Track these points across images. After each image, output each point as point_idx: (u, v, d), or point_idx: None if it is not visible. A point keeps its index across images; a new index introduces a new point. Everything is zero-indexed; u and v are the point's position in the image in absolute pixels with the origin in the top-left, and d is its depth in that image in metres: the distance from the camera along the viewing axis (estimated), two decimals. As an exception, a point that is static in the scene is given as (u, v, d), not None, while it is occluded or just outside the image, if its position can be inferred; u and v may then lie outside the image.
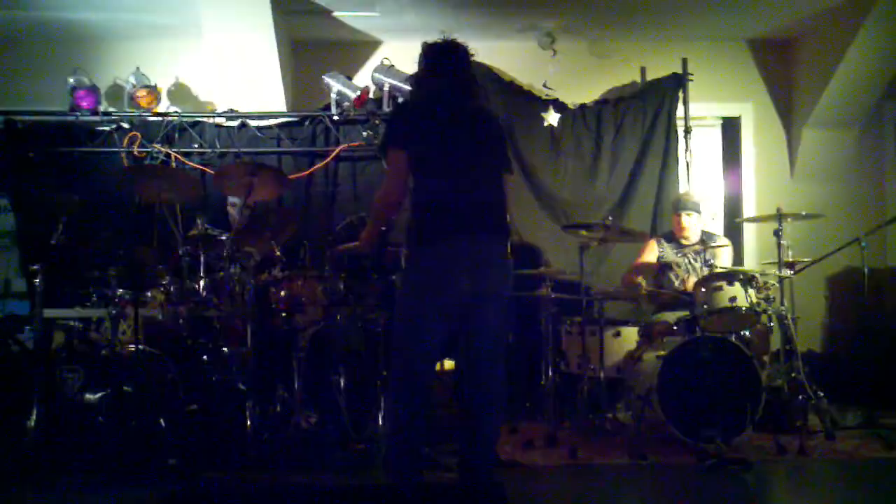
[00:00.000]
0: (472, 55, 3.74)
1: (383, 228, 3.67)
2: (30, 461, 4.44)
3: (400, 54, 6.92)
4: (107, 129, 6.72)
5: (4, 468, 4.51)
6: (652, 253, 6.12)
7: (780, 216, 5.38)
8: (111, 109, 6.74)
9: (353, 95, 6.59)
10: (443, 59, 3.67)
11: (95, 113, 6.60)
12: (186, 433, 5.11)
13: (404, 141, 3.47)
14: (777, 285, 5.46)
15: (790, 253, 5.47)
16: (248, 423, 4.63)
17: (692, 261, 5.98)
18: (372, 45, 7.27)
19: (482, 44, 6.97)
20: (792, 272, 5.48)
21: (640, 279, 5.71)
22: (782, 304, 5.40)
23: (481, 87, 3.78)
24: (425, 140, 3.47)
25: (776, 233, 5.39)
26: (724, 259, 5.97)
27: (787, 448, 4.76)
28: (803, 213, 5.62)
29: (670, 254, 6.05)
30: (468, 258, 3.38)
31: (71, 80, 6.56)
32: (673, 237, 6.15)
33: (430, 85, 3.65)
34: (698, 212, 6.05)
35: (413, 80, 3.81)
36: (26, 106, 6.76)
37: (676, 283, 5.96)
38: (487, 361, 3.53)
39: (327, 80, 6.71)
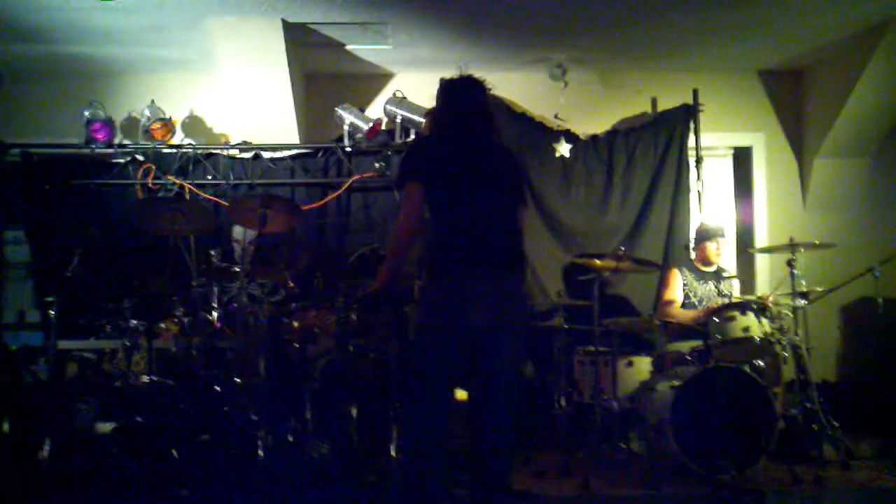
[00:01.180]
0: (490, 90, 3.75)
1: (400, 266, 3.65)
2: (43, 491, 4.45)
3: (412, 86, 6.99)
4: (122, 161, 6.78)
5: (18, 499, 4.53)
6: (677, 283, 6.12)
7: (792, 246, 5.37)
8: (126, 142, 6.79)
9: (365, 127, 6.64)
10: (460, 94, 3.68)
11: (110, 145, 6.65)
12: (198, 464, 5.13)
13: (420, 175, 3.48)
14: (791, 315, 5.43)
15: (803, 282, 5.46)
16: (261, 453, 4.62)
17: (713, 288, 5.99)
18: (384, 77, 7.33)
19: (494, 75, 6.97)
20: (806, 302, 5.47)
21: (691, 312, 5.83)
22: (796, 333, 5.38)
23: (498, 123, 3.77)
24: (441, 174, 3.48)
25: (789, 263, 5.39)
26: (736, 291, 5.98)
27: (802, 478, 4.73)
28: (816, 242, 5.61)
29: (694, 282, 6.06)
30: (484, 292, 3.38)
31: (86, 113, 6.63)
32: (693, 266, 6.17)
33: (448, 120, 3.66)
34: (723, 237, 6.10)
35: (430, 114, 3.82)
36: (42, 139, 6.81)
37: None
38: (502, 394, 3.51)
39: (340, 111, 6.77)
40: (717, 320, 5.16)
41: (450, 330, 3.36)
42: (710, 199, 7.20)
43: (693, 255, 6.39)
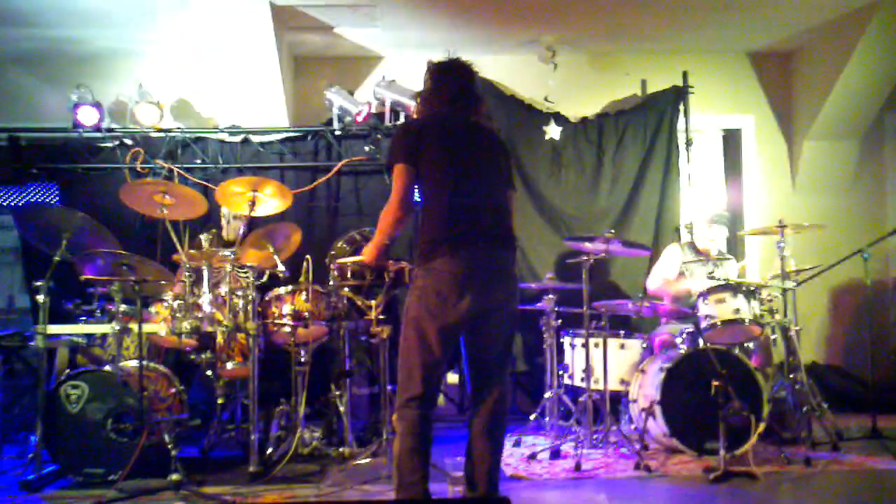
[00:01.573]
0: (477, 73, 3.75)
1: (387, 243, 3.66)
2: (33, 476, 4.45)
3: (401, 69, 6.96)
4: (110, 145, 6.76)
5: (9, 483, 4.53)
6: (671, 259, 6.11)
7: (782, 227, 5.38)
8: (114, 126, 6.75)
9: (354, 110, 6.61)
10: (448, 77, 3.69)
11: (98, 129, 6.60)
12: (190, 448, 5.15)
13: (409, 157, 3.49)
14: (780, 297, 5.45)
15: (793, 264, 5.47)
16: (252, 437, 4.63)
17: (709, 271, 5.98)
18: (373, 59, 7.30)
19: (483, 58, 7.09)
20: (795, 283, 5.48)
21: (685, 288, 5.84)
22: (785, 315, 5.40)
23: (486, 105, 3.78)
24: (430, 156, 3.49)
25: (778, 244, 5.39)
26: (731, 275, 5.98)
27: (792, 459, 4.75)
28: (805, 224, 5.63)
29: (693, 263, 6.06)
30: (475, 272, 3.39)
31: (73, 97, 6.57)
32: (692, 245, 6.17)
33: (436, 102, 3.66)
34: (724, 224, 6.09)
35: (418, 98, 3.82)
36: (29, 123, 6.78)
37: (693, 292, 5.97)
38: (495, 375, 3.55)
39: (329, 95, 6.73)
40: (707, 302, 5.16)
41: (442, 308, 3.36)
42: (699, 182, 7.21)
43: (695, 238, 6.35)
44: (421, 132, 3.55)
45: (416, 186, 3.52)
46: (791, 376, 5.29)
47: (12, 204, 6.52)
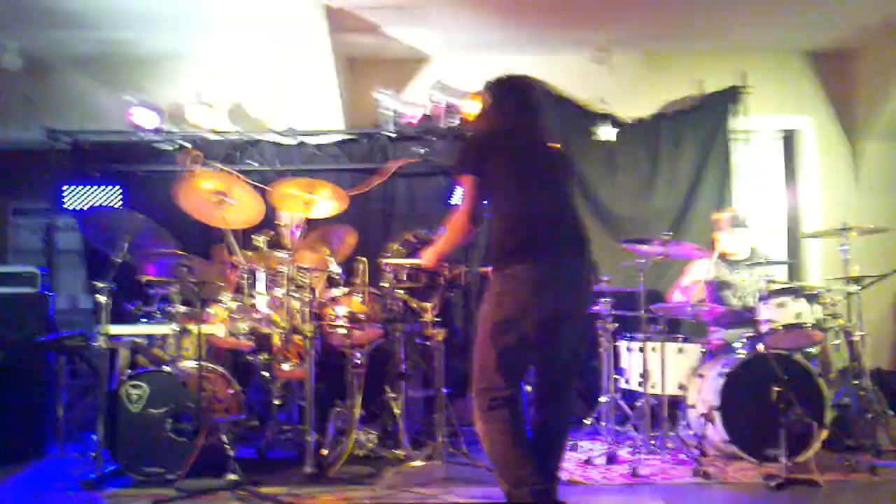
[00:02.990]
0: (537, 83, 3.82)
1: (449, 251, 3.71)
2: (94, 475, 4.52)
3: (453, 69, 6.97)
4: (168, 148, 6.85)
5: (70, 481, 4.61)
6: (701, 271, 5.97)
7: (845, 230, 5.26)
8: (172, 129, 6.86)
9: (408, 112, 6.63)
10: (509, 93, 3.72)
11: (157, 132, 6.71)
12: (247, 449, 5.19)
13: (477, 169, 3.52)
14: (843, 301, 5.33)
15: (857, 268, 5.35)
16: (308, 438, 4.65)
17: (747, 276, 5.87)
18: (422, 61, 7.30)
19: (535, 58, 7.11)
20: (859, 287, 5.36)
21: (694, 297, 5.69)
22: (849, 320, 5.28)
23: (546, 117, 3.80)
24: (499, 169, 3.52)
25: (842, 247, 5.28)
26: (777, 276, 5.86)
27: (856, 467, 4.65)
28: (870, 226, 5.49)
29: (724, 272, 5.94)
30: (553, 277, 3.39)
31: (133, 100, 6.67)
32: (721, 255, 6.03)
33: (498, 119, 3.70)
34: (745, 227, 5.96)
35: (479, 113, 3.85)
36: (87, 125, 6.91)
37: (734, 301, 5.86)
38: (565, 382, 3.56)
39: (382, 97, 6.75)
40: (768, 306, 5.07)
41: (518, 315, 3.37)
42: (758, 184, 7.09)
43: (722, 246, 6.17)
44: (489, 146, 3.58)
45: (484, 199, 3.55)
46: (855, 382, 5.18)
47: (76, 207, 6.63)
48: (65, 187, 6.71)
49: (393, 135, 6.80)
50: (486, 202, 3.56)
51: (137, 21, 6.36)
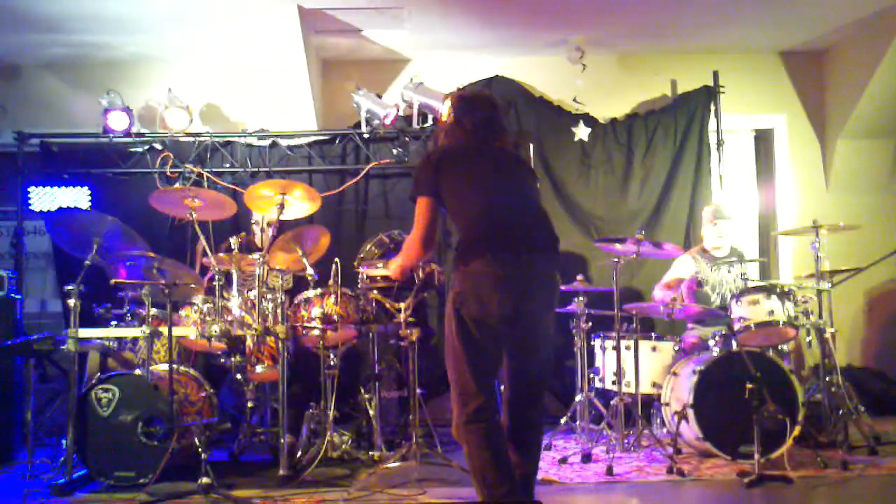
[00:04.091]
0: (500, 104, 3.76)
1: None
2: (64, 480, 4.47)
3: (429, 70, 6.95)
4: (139, 150, 6.80)
5: (40, 487, 4.55)
6: (684, 268, 6.01)
7: (816, 228, 5.30)
8: (144, 131, 6.80)
9: (382, 113, 6.59)
10: (470, 109, 3.68)
11: (128, 134, 6.64)
12: (220, 452, 5.15)
13: (430, 188, 3.49)
14: (815, 299, 5.36)
15: (827, 265, 5.38)
16: (282, 440, 4.63)
17: (726, 273, 5.89)
18: (401, 62, 7.28)
19: (511, 59, 7.12)
20: (830, 285, 5.39)
21: (673, 295, 5.69)
22: (820, 317, 5.31)
23: (509, 132, 3.78)
24: (452, 178, 3.50)
25: (813, 245, 5.31)
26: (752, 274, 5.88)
27: (828, 464, 4.67)
28: (840, 224, 5.53)
29: (705, 269, 5.96)
30: (511, 274, 3.35)
31: (104, 102, 6.61)
32: (704, 251, 6.05)
33: (458, 134, 3.66)
34: (728, 218, 5.98)
35: (441, 130, 3.81)
36: (60, 128, 6.84)
37: (713, 298, 5.88)
38: (534, 381, 3.50)
39: (356, 98, 6.73)
40: (740, 304, 5.09)
41: (483, 315, 3.33)
42: (731, 182, 7.12)
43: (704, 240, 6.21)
44: (440, 161, 3.54)
45: (439, 217, 3.52)
46: (827, 379, 5.21)
47: (44, 209, 6.56)
48: (33, 189, 6.62)
49: (366, 135, 6.77)
50: (444, 211, 3.52)
51: (110, 24, 6.28)
